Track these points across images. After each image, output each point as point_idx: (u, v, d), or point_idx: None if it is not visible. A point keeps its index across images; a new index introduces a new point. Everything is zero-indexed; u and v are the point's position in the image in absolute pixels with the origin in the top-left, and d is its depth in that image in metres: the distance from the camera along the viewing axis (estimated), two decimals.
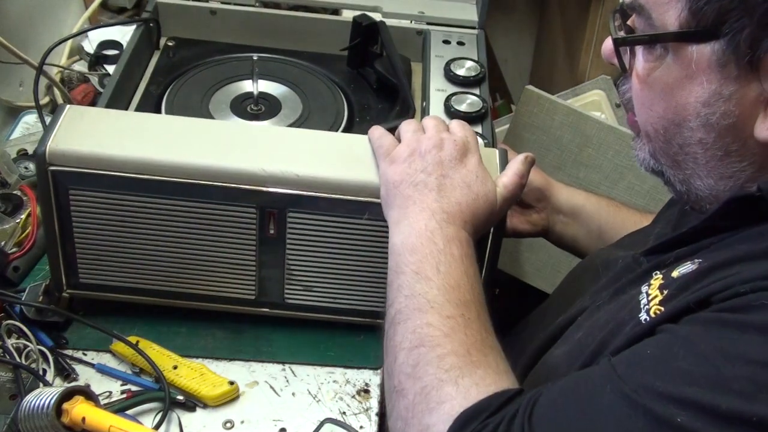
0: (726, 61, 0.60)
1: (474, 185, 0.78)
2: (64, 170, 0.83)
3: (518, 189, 0.82)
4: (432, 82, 1.08)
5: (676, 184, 0.69)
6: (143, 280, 0.91)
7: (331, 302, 0.92)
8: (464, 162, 0.80)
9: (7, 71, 1.22)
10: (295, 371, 0.91)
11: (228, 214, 0.86)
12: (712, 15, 0.59)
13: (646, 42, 0.64)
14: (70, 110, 0.87)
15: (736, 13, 0.58)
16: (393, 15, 1.20)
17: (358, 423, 0.85)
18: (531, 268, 1.27)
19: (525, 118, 1.24)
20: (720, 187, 0.66)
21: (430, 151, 0.79)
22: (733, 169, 0.64)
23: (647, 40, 0.64)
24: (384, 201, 0.81)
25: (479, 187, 0.79)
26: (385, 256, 0.87)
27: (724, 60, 0.60)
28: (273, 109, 1.05)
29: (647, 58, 0.65)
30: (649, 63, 0.65)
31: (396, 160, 0.81)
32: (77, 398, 0.79)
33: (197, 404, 0.86)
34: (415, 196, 0.77)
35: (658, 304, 0.63)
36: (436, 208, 0.76)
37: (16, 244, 0.99)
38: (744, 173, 0.64)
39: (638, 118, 0.70)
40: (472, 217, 0.77)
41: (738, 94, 0.60)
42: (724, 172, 0.64)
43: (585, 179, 1.21)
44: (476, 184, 0.79)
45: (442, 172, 0.78)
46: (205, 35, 1.17)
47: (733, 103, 0.61)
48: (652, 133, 0.68)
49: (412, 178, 0.78)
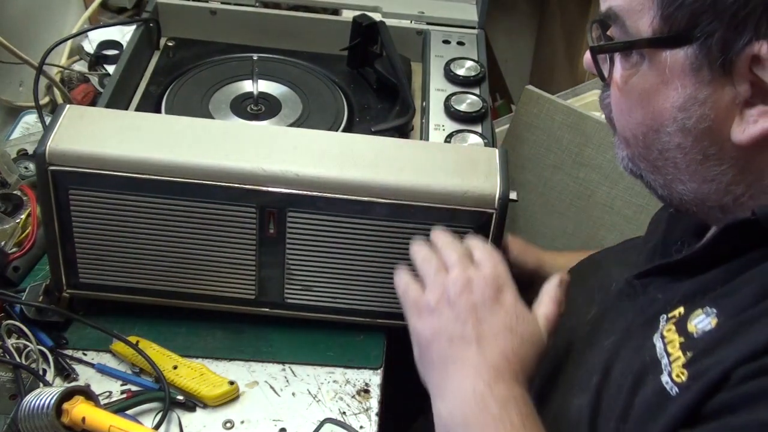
0: (699, 65, 0.60)
1: (517, 327, 0.71)
2: (64, 170, 0.83)
3: (559, 317, 0.75)
4: (432, 82, 1.08)
5: (657, 188, 0.69)
6: (143, 280, 0.91)
7: (331, 302, 0.92)
8: (500, 301, 0.72)
9: (7, 71, 1.22)
10: (295, 371, 0.91)
11: (228, 214, 0.86)
12: (684, 20, 0.59)
13: (621, 49, 0.64)
14: (70, 110, 0.87)
15: (707, 17, 0.58)
16: (393, 15, 1.20)
17: (358, 423, 0.85)
18: None
19: (525, 118, 1.24)
20: (704, 190, 0.65)
21: (460, 295, 0.72)
22: (714, 172, 0.63)
23: (622, 47, 0.64)
24: (419, 362, 0.73)
25: (523, 328, 0.71)
26: (385, 256, 0.88)
27: (697, 64, 0.60)
28: (273, 109, 1.05)
29: (624, 65, 0.65)
30: (626, 70, 0.64)
31: (423, 312, 0.73)
32: (77, 398, 0.79)
33: (197, 404, 0.86)
34: (454, 353, 0.70)
35: (681, 366, 0.60)
36: (480, 364, 0.68)
37: (16, 244, 0.99)
38: (726, 176, 0.63)
39: (617, 124, 0.69)
40: (522, 365, 0.70)
41: (713, 98, 0.60)
42: (705, 176, 0.64)
43: (585, 179, 1.21)
44: (519, 325, 0.71)
45: (478, 316, 0.71)
46: (205, 35, 1.17)
47: (708, 107, 0.61)
48: (631, 139, 0.68)
49: (445, 331, 0.71)
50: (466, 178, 0.85)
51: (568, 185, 1.21)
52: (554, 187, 1.21)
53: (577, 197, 1.21)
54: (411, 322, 0.74)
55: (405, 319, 0.75)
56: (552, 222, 1.22)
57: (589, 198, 1.20)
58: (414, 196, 0.85)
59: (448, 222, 0.85)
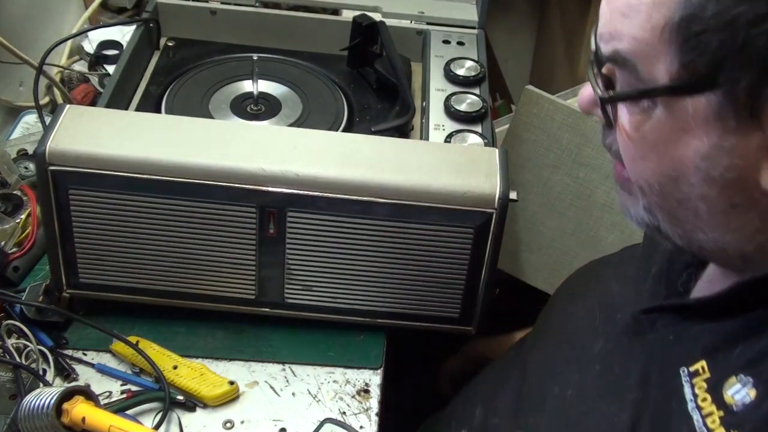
0: (724, 112, 0.55)
1: None
2: (64, 170, 0.83)
3: None
4: (432, 82, 1.08)
5: (675, 238, 0.64)
6: (143, 280, 0.91)
7: (331, 302, 0.92)
8: None
9: (7, 71, 1.22)
10: (295, 371, 0.91)
11: (228, 214, 0.86)
12: (707, 65, 0.54)
13: (637, 98, 0.58)
14: (69, 110, 0.87)
15: (733, 62, 0.53)
16: (393, 15, 1.20)
17: (358, 423, 0.85)
18: (531, 268, 1.27)
19: (525, 118, 1.24)
20: (726, 240, 0.61)
21: None
22: (740, 222, 0.59)
23: (637, 95, 0.58)
24: None
25: None
26: (385, 256, 0.88)
27: (721, 111, 0.55)
28: (273, 109, 1.05)
29: (632, 110, 0.59)
30: (634, 116, 0.59)
31: None
32: (77, 398, 0.79)
33: (197, 404, 0.86)
34: None
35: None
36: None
37: (16, 244, 0.99)
38: (752, 225, 0.59)
39: (629, 172, 0.63)
40: None
41: (740, 146, 0.55)
42: (730, 225, 0.60)
43: (585, 179, 1.21)
44: None
45: None
46: (205, 35, 1.17)
47: (735, 156, 0.56)
48: (645, 188, 0.62)
49: None
50: (466, 178, 0.85)
51: (567, 185, 1.21)
52: (554, 187, 1.21)
53: (577, 197, 1.20)
54: None
55: (404, 318, 0.75)
56: (552, 222, 1.22)
57: (589, 198, 1.20)
58: (414, 196, 0.85)
59: (448, 222, 0.85)
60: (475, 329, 0.95)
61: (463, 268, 0.89)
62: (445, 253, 0.88)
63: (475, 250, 0.88)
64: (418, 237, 0.87)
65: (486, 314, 0.93)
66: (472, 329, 0.95)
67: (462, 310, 0.92)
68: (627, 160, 0.63)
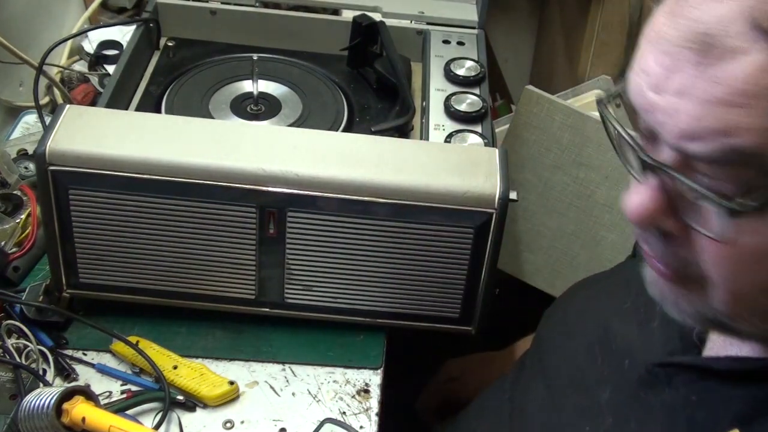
0: None
1: None
2: (64, 170, 0.83)
3: None
4: (432, 82, 1.08)
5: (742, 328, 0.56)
6: (143, 280, 0.91)
7: (331, 302, 0.92)
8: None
9: (7, 71, 1.22)
10: (295, 371, 0.91)
11: (228, 214, 0.86)
12: None
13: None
14: (70, 110, 0.87)
15: None
16: (393, 15, 1.20)
17: (358, 423, 0.85)
18: (531, 268, 1.27)
19: (525, 118, 1.24)
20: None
21: None
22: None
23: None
24: None
25: None
26: (385, 256, 0.88)
27: None
28: (273, 109, 1.05)
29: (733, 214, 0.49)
30: (749, 223, 0.48)
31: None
32: (77, 398, 0.79)
33: (197, 404, 0.86)
34: None
35: None
36: None
37: (16, 244, 0.99)
38: None
39: (719, 283, 0.53)
40: None
41: None
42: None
43: (585, 179, 1.21)
44: None
45: None
46: (205, 35, 1.17)
47: None
48: (730, 301, 0.54)
49: None
50: (466, 178, 0.85)
51: (567, 185, 1.21)
52: (554, 187, 1.21)
53: (577, 197, 1.20)
54: None
55: (404, 318, 0.75)
56: (552, 222, 1.22)
57: (589, 198, 1.20)
58: (414, 196, 0.85)
59: (448, 222, 0.85)
60: (475, 329, 0.95)
61: (463, 268, 0.89)
62: (445, 253, 0.88)
63: (475, 250, 0.88)
64: (418, 237, 0.87)
65: (486, 314, 0.93)
66: (472, 329, 0.95)
67: (462, 310, 0.92)
68: (719, 273, 0.53)
